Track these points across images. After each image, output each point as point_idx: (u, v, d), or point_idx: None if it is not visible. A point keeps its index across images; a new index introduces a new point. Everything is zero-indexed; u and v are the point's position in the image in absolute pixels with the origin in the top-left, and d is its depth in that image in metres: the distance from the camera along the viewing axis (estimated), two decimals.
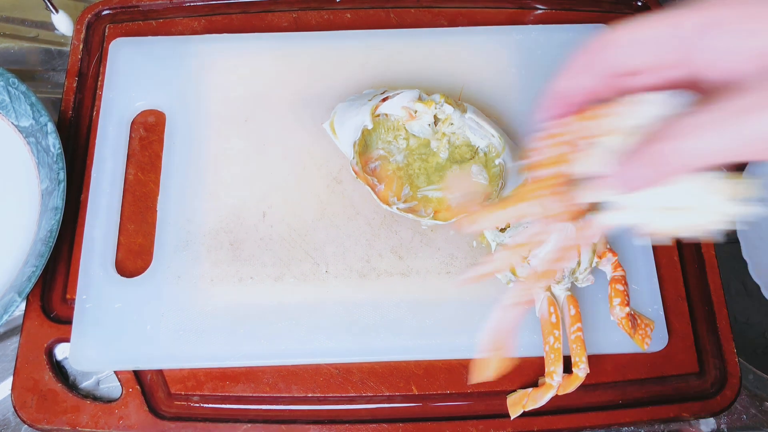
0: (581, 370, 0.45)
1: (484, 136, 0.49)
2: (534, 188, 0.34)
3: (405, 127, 0.50)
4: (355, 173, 0.49)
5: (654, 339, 0.48)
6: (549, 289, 0.47)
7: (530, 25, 0.60)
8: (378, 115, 0.50)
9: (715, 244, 0.53)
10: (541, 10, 0.61)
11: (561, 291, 0.47)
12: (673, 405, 0.49)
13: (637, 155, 0.30)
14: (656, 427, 0.50)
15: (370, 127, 0.49)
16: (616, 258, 0.47)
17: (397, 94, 0.49)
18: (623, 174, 0.31)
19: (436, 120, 0.50)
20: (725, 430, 0.54)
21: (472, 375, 0.41)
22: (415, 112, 0.49)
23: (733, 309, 0.61)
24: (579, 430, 0.48)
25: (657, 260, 0.51)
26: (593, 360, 0.48)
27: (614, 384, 0.49)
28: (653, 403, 0.49)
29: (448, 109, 0.49)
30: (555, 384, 0.45)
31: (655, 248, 0.52)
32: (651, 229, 0.33)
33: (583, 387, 0.46)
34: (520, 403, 0.47)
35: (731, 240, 0.64)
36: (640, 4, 0.62)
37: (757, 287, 0.57)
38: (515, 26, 0.59)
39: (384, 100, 0.49)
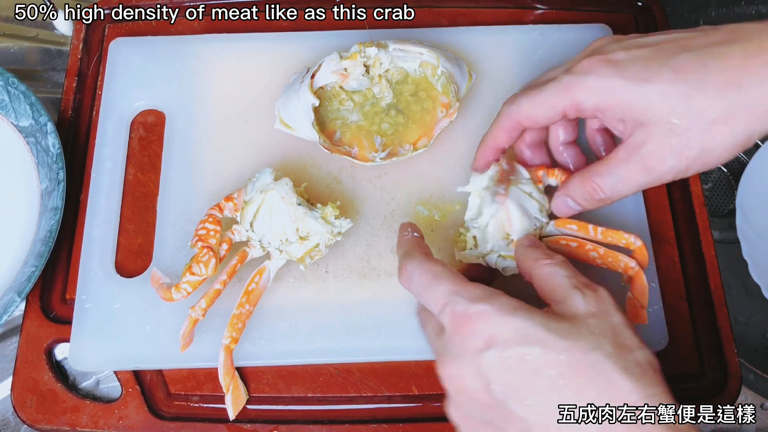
0: None
1: (413, 58, 0.52)
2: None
3: (344, 89, 0.52)
4: (329, 151, 0.50)
5: (654, 339, 0.48)
6: None
7: (530, 25, 0.59)
8: (317, 90, 0.51)
9: (715, 244, 0.53)
10: (541, 9, 0.61)
11: None
12: None
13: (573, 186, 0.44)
14: None
15: (317, 103, 0.50)
16: (556, 169, 0.48)
17: (320, 64, 0.51)
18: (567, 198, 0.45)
19: (368, 68, 0.52)
20: (725, 430, 0.54)
21: None
22: (345, 70, 0.51)
23: (733, 309, 0.61)
24: None
25: (657, 260, 0.51)
26: None
27: None
28: None
29: (372, 51, 0.51)
30: None
31: (655, 248, 0.52)
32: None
33: None
34: None
35: (731, 240, 0.64)
36: (640, 4, 0.62)
37: (757, 287, 0.57)
38: (516, 26, 0.59)
39: (313, 75, 0.51)
